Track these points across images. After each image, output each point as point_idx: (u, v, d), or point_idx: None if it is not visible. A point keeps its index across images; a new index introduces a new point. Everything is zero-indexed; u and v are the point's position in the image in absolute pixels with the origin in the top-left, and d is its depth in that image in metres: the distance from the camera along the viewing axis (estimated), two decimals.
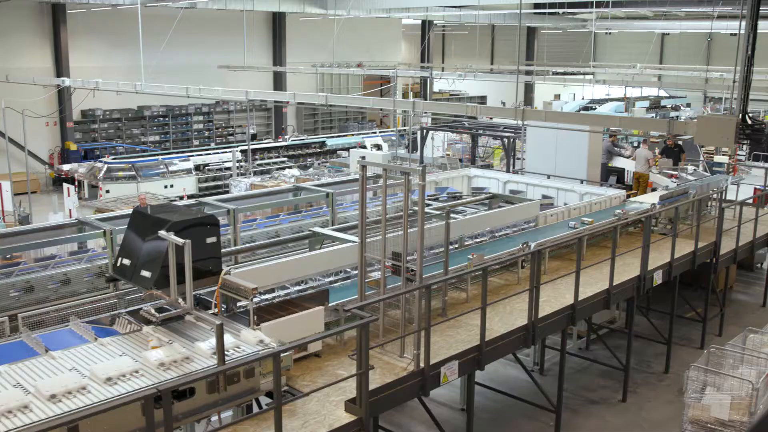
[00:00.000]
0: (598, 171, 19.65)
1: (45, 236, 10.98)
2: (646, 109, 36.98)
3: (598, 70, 45.29)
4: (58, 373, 7.27)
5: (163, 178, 29.17)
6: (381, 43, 47.56)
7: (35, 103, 28.68)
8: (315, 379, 8.68)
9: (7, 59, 32.70)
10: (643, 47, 48.18)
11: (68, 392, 6.79)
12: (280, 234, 12.58)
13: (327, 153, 34.95)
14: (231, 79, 35.79)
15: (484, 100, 48.87)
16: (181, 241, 7.67)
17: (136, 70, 27.62)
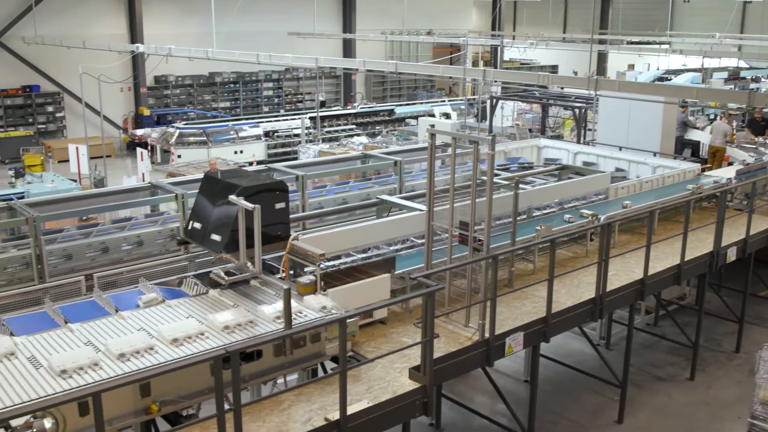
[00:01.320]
0: (672, 144, 19.15)
1: (119, 199, 11.26)
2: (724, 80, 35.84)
3: (675, 39, 43.99)
4: (127, 332, 7.48)
5: (233, 143, 29.54)
6: (451, 10, 47.07)
7: (110, 69, 29.22)
8: (380, 346, 8.74)
9: (84, 26, 33.43)
10: (723, 15, 46.51)
11: (136, 352, 6.99)
12: (347, 201, 12.64)
13: (395, 121, 34.90)
14: (301, 46, 35.90)
15: (555, 69, 48.00)
16: (250, 206, 7.76)
17: (207, 37, 27.96)
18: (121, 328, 7.61)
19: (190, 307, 8.09)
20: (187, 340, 7.27)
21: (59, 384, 6.53)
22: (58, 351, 7.10)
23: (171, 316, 7.88)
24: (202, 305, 8.16)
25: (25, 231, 9.54)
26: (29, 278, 9.32)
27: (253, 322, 7.63)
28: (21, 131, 33.45)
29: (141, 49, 29.01)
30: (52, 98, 35.13)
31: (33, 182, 21.05)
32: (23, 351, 7.12)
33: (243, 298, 8.25)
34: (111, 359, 6.91)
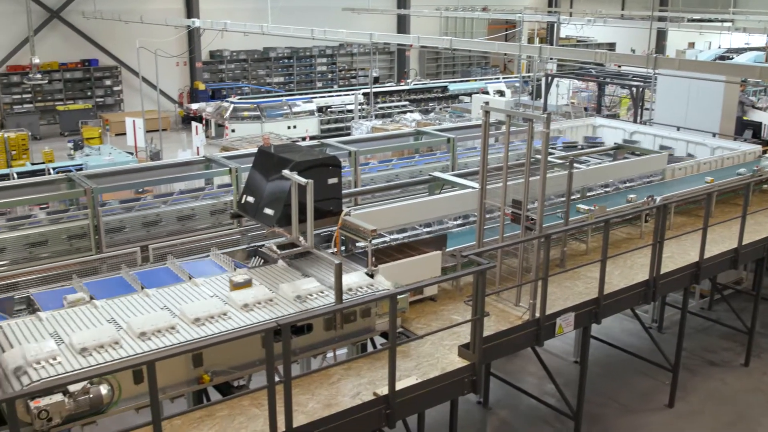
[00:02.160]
0: (732, 124, 18.69)
1: (174, 172, 11.41)
2: None
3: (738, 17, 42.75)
4: (200, 299, 7.66)
5: (287, 118, 29.71)
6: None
7: (167, 44, 29.58)
8: (429, 323, 8.75)
9: (141, 1, 33.79)
10: None
11: (210, 317, 7.17)
12: (399, 177, 12.62)
13: (449, 98, 34.71)
14: (355, 21, 35.85)
15: (612, 47, 47.13)
16: (303, 180, 7.80)
17: (262, 12, 28.09)
18: (195, 294, 7.81)
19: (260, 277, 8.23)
20: (257, 305, 7.43)
21: (138, 345, 6.74)
22: (136, 314, 7.32)
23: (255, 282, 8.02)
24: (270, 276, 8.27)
25: (84, 202, 9.73)
26: (86, 248, 9.50)
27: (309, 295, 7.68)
28: (80, 104, 34.08)
29: (197, 24, 29.27)
30: (110, 72, 35.69)
31: (91, 154, 21.47)
32: (103, 313, 7.34)
33: (298, 272, 8.32)
34: (187, 323, 7.11)
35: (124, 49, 34.33)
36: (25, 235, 9.23)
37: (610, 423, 10.90)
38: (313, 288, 7.74)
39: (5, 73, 33.55)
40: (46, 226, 9.43)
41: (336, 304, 7.47)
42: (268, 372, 6.37)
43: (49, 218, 9.64)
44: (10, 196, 9.87)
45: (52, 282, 8.54)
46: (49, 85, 34.02)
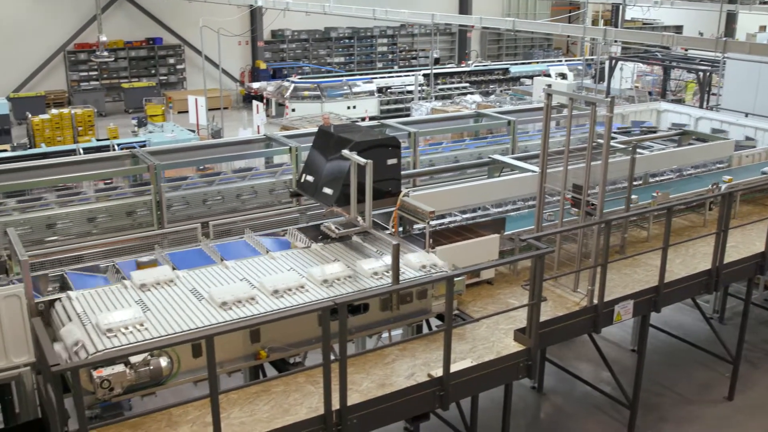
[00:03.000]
0: None
1: (235, 150, 11.53)
2: None
3: None
4: (278, 272, 7.80)
5: (346, 99, 29.77)
6: None
7: (230, 23, 29.82)
8: (486, 306, 8.72)
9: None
10: None
11: (289, 289, 7.30)
12: (459, 159, 12.54)
13: (510, 80, 34.38)
14: (417, 1, 35.64)
15: (679, 29, 46.01)
16: (363, 161, 7.80)
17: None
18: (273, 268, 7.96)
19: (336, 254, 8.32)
20: (336, 281, 7.53)
21: (220, 314, 6.91)
22: (216, 285, 7.50)
23: (319, 261, 8.11)
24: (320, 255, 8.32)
25: (147, 178, 9.90)
26: (148, 223, 9.68)
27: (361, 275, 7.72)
28: (144, 82, 34.67)
29: (259, 3, 29.43)
30: (174, 51, 36.19)
31: (154, 131, 21.81)
32: (185, 283, 7.51)
33: (355, 252, 8.35)
34: (266, 295, 7.25)
35: (187, 27, 34.76)
36: (90, 209, 9.43)
37: (666, 413, 10.75)
38: (364, 269, 7.77)
39: (73, 51, 34.27)
40: (110, 201, 9.63)
41: (393, 284, 7.48)
42: (324, 350, 6.42)
43: (113, 193, 9.84)
44: (76, 171, 10.10)
45: (114, 255, 8.72)
46: (115, 63, 34.66)
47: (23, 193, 10.15)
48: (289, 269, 7.90)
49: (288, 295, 7.29)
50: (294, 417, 6.62)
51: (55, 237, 9.19)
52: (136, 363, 6.29)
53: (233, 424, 6.49)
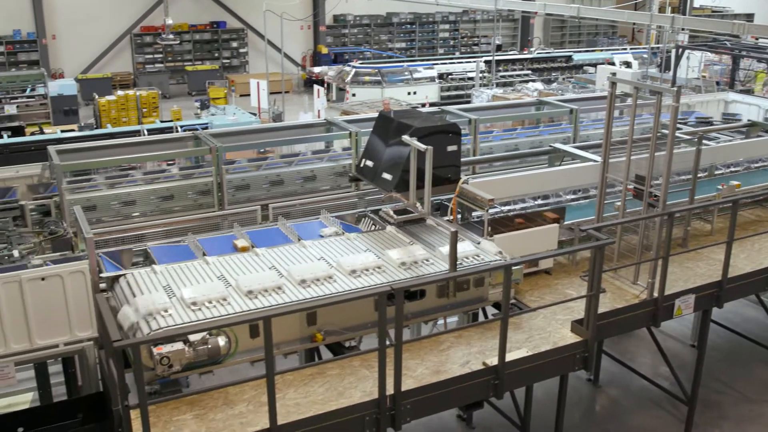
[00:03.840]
0: None
1: (295, 134, 11.62)
2: None
3: None
4: (308, 261, 7.76)
5: (407, 84, 29.70)
6: None
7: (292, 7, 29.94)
8: (543, 296, 8.64)
9: None
10: None
11: (316, 279, 7.25)
12: (519, 147, 12.43)
13: (572, 68, 33.86)
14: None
15: (750, 18, 44.75)
16: (423, 146, 7.78)
17: None
18: (303, 256, 7.90)
19: (368, 242, 8.27)
20: (365, 272, 7.46)
21: (245, 303, 6.89)
22: (244, 273, 7.49)
23: (350, 248, 8.09)
24: (378, 240, 8.32)
25: (208, 160, 10.03)
26: (209, 205, 9.82)
27: (425, 261, 7.70)
28: (207, 65, 35.11)
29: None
30: (237, 34, 36.56)
31: (216, 114, 22.07)
32: (213, 270, 7.56)
33: (413, 238, 8.35)
34: (293, 284, 7.22)
35: (251, 11, 35.05)
36: (153, 189, 9.61)
37: (725, 411, 10.54)
38: (422, 255, 7.74)
39: (139, 34, 34.88)
40: (172, 181, 9.79)
41: (450, 271, 7.46)
42: (379, 335, 6.45)
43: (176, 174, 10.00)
44: (140, 151, 10.30)
45: (174, 235, 8.88)
46: (179, 46, 35.16)
47: (89, 173, 10.40)
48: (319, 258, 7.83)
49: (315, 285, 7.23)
50: (348, 400, 6.67)
51: (119, 216, 9.38)
52: (195, 341, 6.40)
53: (288, 404, 6.57)
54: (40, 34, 32.68)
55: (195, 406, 6.55)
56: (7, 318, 6.86)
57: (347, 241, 8.25)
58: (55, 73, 32.33)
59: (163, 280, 7.27)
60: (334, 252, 7.95)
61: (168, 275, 7.36)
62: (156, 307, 6.58)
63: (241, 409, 6.52)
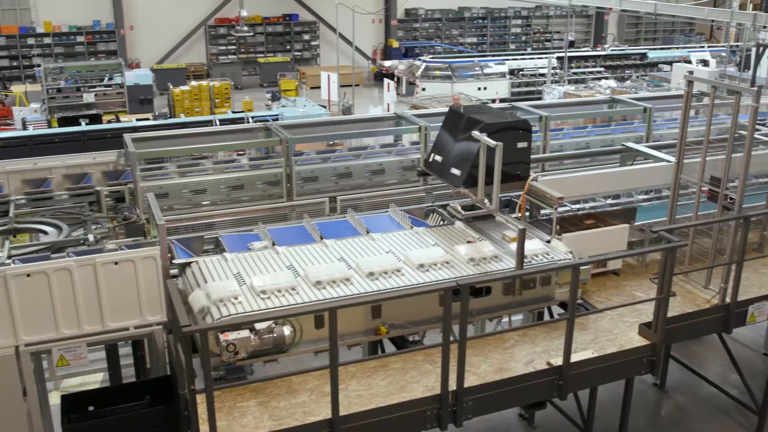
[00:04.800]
0: None
1: (364, 127, 11.65)
2: None
3: None
4: (376, 253, 7.79)
5: (477, 79, 29.54)
6: None
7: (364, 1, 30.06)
8: (611, 297, 8.51)
9: None
10: None
11: (384, 272, 7.27)
12: (590, 146, 12.24)
13: (647, 66, 33.20)
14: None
15: None
16: (493, 143, 7.72)
17: None
18: (371, 249, 7.93)
19: (436, 236, 8.25)
20: (433, 267, 7.44)
21: (313, 293, 6.94)
22: (313, 263, 7.56)
23: (418, 243, 8.08)
24: (447, 236, 8.30)
25: (278, 151, 10.14)
26: (278, 195, 9.92)
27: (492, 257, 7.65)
28: (279, 57, 35.51)
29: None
30: (309, 27, 36.87)
31: (287, 106, 22.32)
32: (283, 260, 7.65)
33: (481, 234, 8.30)
34: (361, 276, 7.24)
35: (323, 5, 35.29)
36: (224, 178, 9.75)
37: None
38: (489, 252, 7.69)
39: (213, 26, 35.45)
40: (243, 171, 9.92)
41: (517, 269, 7.40)
42: (444, 330, 6.44)
43: (246, 164, 10.13)
44: (212, 141, 10.46)
45: (243, 224, 9.01)
46: (252, 38, 35.62)
47: (162, 161, 10.61)
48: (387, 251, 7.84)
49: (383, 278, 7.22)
50: (410, 394, 6.68)
51: (191, 203, 9.55)
52: (261, 330, 6.48)
53: (350, 396, 6.61)
54: (119, 24, 33.49)
55: (259, 394, 6.65)
56: (81, 300, 7.04)
57: (416, 235, 8.25)
58: (131, 63, 33.11)
59: (233, 267, 7.38)
60: (403, 246, 7.95)
61: (238, 263, 7.47)
62: (225, 294, 6.69)
63: (303, 399, 6.59)
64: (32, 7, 32.93)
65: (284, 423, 6.30)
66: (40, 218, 8.86)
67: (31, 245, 8.23)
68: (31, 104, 24.84)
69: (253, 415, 6.40)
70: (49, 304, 6.94)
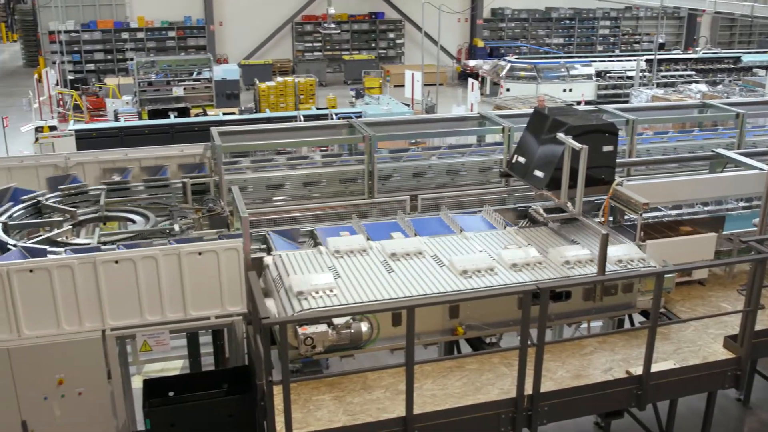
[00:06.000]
0: None
1: (447, 126, 11.61)
2: None
3: None
4: (469, 252, 7.80)
5: (563, 81, 29.13)
6: None
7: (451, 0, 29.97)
8: (695, 307, 8.28)
9: None
10: None
11: (477, 270, 7.29)
12: (678, 151, 11.92)
13: (740, 70, 32.17)
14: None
15: None
16: (578, 145, 7.60)
17: None
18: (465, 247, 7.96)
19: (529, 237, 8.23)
20: (525, 267, 7.43)
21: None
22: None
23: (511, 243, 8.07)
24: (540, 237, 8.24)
25: (361, 148, 10.19)
26: (359, 192, 9.97)
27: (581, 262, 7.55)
28: (364, 55, 35.71)
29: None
30: (394, 25, 36.98)
31: (370, 103, 22.44)
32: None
33: (562, 238, 8.20)
34: (454, 274, 7.29)
35: (409, 3, 35.35)
36: (306, 174, 9.86)
37: None
38: (583, 255, 7.58)
39: (300, 23, 35.90)
40: (325, 167, 10.01)
41: (598, 274, 7.27)
42: (522, 334, 6.38)
43: (329, 160, 10.23)
44: (296, 136, 10.59)
45: (324, 220, 9.09)
46: (338, 36, 35.94)
47: (247, 155, 10.79)
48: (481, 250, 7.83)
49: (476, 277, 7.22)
50: (485, 396, 6.65)
51: (274, 198, 9.69)
52: (339, 325, 6.54)
53: (425, 395, 6.61)
54: (209, 20, 34.25)
55: (334, 388, 6.70)
56: (166, 288, 7.24)
57: (509, 235, 8.24)
58: (219, 59, 33.81)
59: (325, 260, 7.51)
60: (496, 245, 7.96)
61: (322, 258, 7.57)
62: (306, 287, 6.78)
63: (378, 395, 6.62)
64: (127, 3, 33.98)
65: (358, 418, 6.34)
66: (128, 207, 9.14)
67: (119, 233, 8.50)
68: (123, 96, 25.65)
69: (328, 408, 6.46)
70: (135, 290, 7.15)
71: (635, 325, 8.27)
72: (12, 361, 6.99)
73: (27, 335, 7.00)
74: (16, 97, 28.35)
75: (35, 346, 7.02)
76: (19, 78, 35.69)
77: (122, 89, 26.62)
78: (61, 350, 7.07)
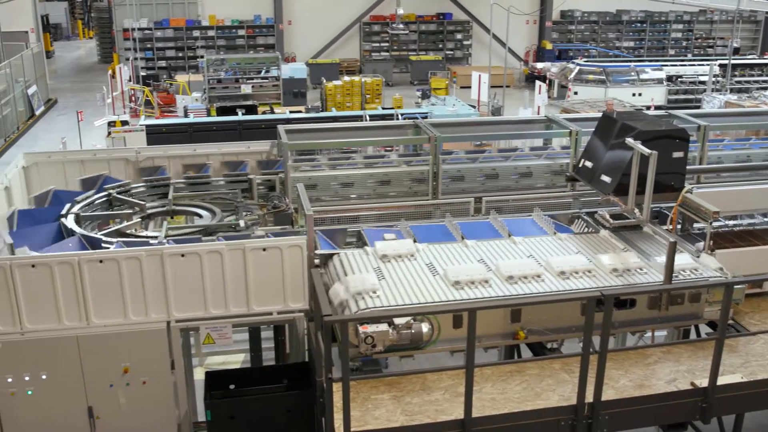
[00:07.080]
0: None
1: (514, 129, 11.52)
2: None
3: None
4: (517, 257, 7.69)
5: (632, 85, 28.62)
6: None
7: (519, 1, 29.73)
8: (765, 320, 8.06)
9: None
10: None
11: (524, 276, 7.18)
12: (751, 159, 11.61)
13: None
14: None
15: None
16: (647, 151, 7.46)
17: None
18: (512, 252, 7.84)
19: (579, 244, 8.08)
20: (574, 274, 7.29)
21: (450, 293, 6.95)
22: (453, 262, 7.56)
23: (560, 249, 7.94)
24: (590, 243, 8.11)
25: (426, 148, 10.18)
26: (423, 193, 9.97)
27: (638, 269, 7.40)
28: (431, 56, 35.69)
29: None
30: (462, 26, 36.88)
31: (436, 104, 22.38)
32: (423, 257, 7.70)
33: (628, 245, 8.05)
34: (500, 279, 7.19)
35: (477, 4, 35.20)
36: (371, 173, 9.89)
37: None
38: (634, 263, 7.44)
39: (368, 23, 36.05)
40: (390, 167, 10.03)
41: (665, 283, 7.13)
42: (584, 340, 6.30)
43: (394, 160, 10.24)
44: (362, 136, 10.64)
45: (387, 220, 9.11)
46: (405, 36, 36.00)
47: (313, 152, 10.88)
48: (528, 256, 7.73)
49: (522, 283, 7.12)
50: (545, 402, 6.58)
51: (336, 196, 9.75)
52: (400, 325, 6.54)
53: (484, 398, 6.58)
54: (278, 19, 34.66)
55: (393, 388, 6.72)
56: (230, 282, 7.35)
57: (558, 241, 8.09)
58: (287, 57, 34.17)
59: (374, 261, 7.49)
60: (544, 251, 7.83)
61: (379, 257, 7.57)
62: (366, 287, 6.80)
63: (437, 397, 6.61)
64: (199, 2, 34.62)
65: (416, 419, 6.34)
66: (196, 202, 9.31)
67: (186, 227, 8.67)
68: (192, 93, 26.13)
69: (387, 408, 6.47)
70: (199, 284, 7.29)
71: (701, 335, 8.09)
72: (80, 348, 7.19)
73: (95, 324, 7.20)
74: (90, 92, 29.17)
75: (103, 335, 7.21)
76: (94, 74, 36.71)
77: (192, 86, 27.12)
78: (127, 339, 7.25)
